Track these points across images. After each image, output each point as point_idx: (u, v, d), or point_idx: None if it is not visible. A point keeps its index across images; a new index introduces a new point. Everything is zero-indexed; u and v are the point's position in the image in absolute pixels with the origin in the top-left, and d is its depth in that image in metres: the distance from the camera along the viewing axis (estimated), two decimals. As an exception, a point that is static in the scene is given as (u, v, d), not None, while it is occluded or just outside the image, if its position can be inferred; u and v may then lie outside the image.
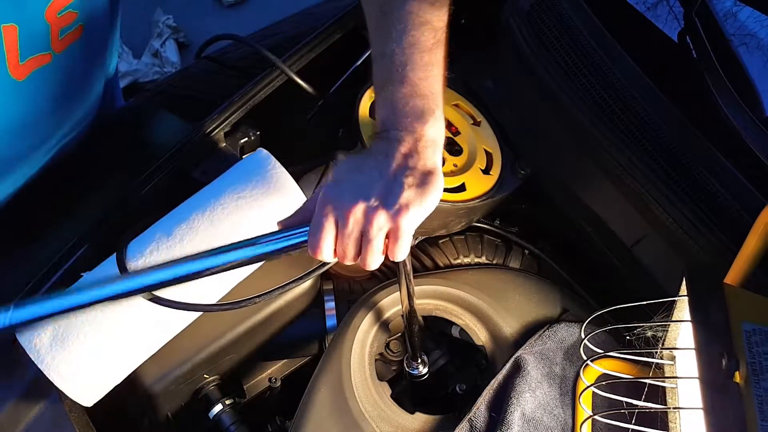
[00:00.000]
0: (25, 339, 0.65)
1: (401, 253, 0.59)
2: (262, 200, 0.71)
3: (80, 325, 0.66)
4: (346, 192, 0.57)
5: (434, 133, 0.61)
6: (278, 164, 0.74)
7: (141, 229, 0.73)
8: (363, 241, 0.58)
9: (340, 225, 0.57)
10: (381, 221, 0.56)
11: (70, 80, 0.80)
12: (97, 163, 0.94)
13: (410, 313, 0.73)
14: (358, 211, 0.57)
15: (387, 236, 0.58)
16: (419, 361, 0.79)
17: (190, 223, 0.70)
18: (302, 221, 0.61)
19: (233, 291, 0.76)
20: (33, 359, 0.65)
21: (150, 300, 0.66)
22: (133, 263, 0.68)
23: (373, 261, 0.59)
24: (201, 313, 0.73)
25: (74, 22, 0.74)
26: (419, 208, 0.57)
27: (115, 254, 0.70)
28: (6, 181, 0.83)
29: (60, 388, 0.65)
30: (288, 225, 0.62)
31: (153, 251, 0.69)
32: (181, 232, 0.70)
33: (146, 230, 0.72)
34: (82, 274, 0.72)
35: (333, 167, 0.61)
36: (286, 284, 0.70)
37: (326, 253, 0.58)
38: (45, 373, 0.64)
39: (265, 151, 0.76)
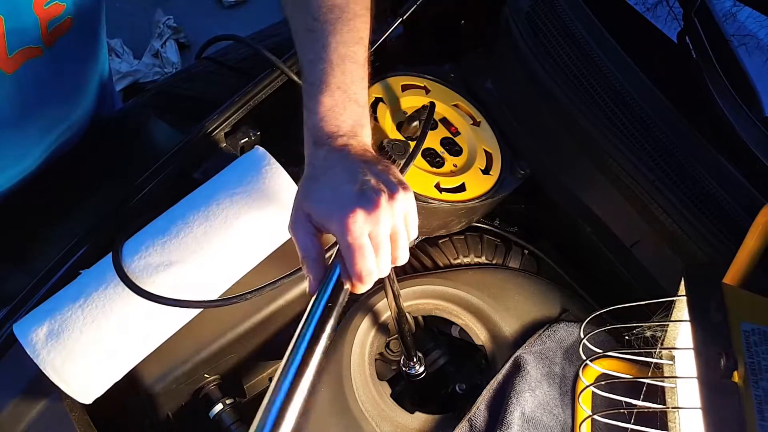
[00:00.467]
0: (22, 334, 0.66)
1: (416, 227, 0.60)
2: (257, 195, 0.72)
3: (76, 321, 0.66)
4: (357, 201, 0.55)
5: (369, 139, 0.62)
6: (273, 160, 0.74)
7: (138, 228, 0.73)
8: (392, 238, 0.57)
9: (374, 232, 0.55)
10: (401, 204, 0.56)
11: (62, 74, 0.80)
12: (98, 163, 0.94)
13: (399, 314, 0.73)
14: (385, 205, 0.55)
15: None
16: (414, 360, 0.79)
17: (185, 220, 0.70)
18: (322, 268, 0.58)
19: (233, 290, 0.76)
20: (29, 353, 0.65)
21: (146, 298, 0.66)
22: (129, 261, 0.69)
23: (406, 249, 0.58)
24: (201, 309, 0.73)
25: (62, 15, 0.73)
26: (405, 181, 0.58)
27: (111, 253, 0.70)
28: (4, 175, 0.83)
29: (55, 383, 0.65)
30: (317, 284, 0.58)
31: (149, 247, 0.69)
32: (176, 229, 0.70)
33: (143, 228, 0.73)
34: (81, 271, 0.72)
35: (308, 212, 0.58)
36: (284, 276, 0.70)
37: (373, 274, 0.56)
38: (40, 367, 0.64)
39: (261, 149, 0.76)
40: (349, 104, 0.61)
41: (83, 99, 0.89)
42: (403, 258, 0.59)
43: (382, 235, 0.55)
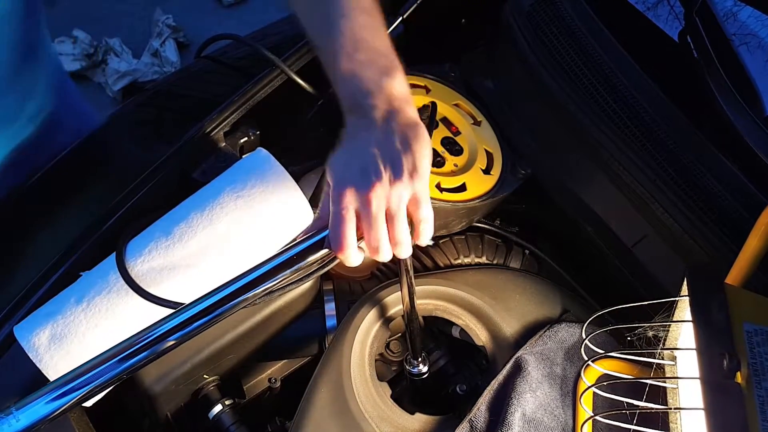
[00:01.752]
0: (23, 337, 0.65)
1: (426, 216, 0.58)
2: (260, 199, 0.71)
3: (79, 324, 0.66)
4: (355, 178, 0.56)
5: (402, 87, 0.61)
6: (277, 163, 0.74)
7: (140, 228, 0.73)
8: (387, 218, 0.57)
9: (364, 211, 0.56)
10: (401, 190, 0.56)
11: None
12: (97, 163, 0.93)
13: (411, 309, 0.72)
14: (378, 189, 0.55)
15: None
16: (420, 359, 0.79)
17: (188, 222, 0.70)
18: (319, 225, 0.60)
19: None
20: (31, 358, 0.64)
21: (147, 299, 0.65)
22: (132, 263, 0.68)
23: (404, 235, 0.58)
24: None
25: None
26: (422, 165, 0.57)
27: (114, 254, 0.70)
28: None
29: None
30: (305, 232, 0.61)
31: (152, 250, 0.69)
32: (180, 231, 0.70)
33: (145, 230, 0.72)
34: (81, 273, 0.72)
35: (326, 173, 0.61)
36: (286, 285, 0.70)
37: (351, 245, 0.57)
38: (43, 372, 0.64)
39: (264, 151, 0.75)
40: (373, 59, 0.60)
41: (30, 93, 0.87)
42: (402, 242, 0.58)
43: (373, 218, 0.56)
